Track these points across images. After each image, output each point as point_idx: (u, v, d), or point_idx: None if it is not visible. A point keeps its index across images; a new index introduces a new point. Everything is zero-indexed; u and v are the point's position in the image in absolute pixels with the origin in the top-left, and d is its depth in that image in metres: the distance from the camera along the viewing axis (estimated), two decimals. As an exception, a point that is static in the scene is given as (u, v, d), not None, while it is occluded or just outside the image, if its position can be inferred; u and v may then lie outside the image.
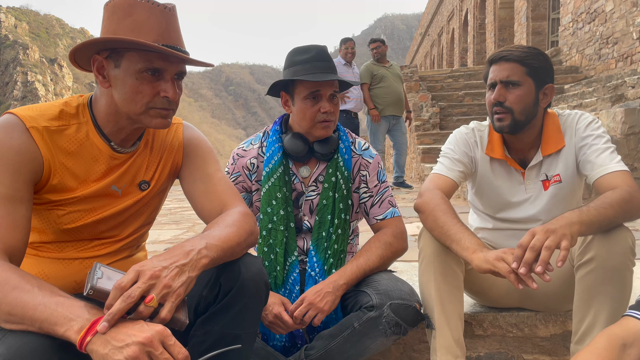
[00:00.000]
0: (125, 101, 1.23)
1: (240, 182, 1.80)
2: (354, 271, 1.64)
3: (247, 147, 1.84)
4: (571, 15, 10.04)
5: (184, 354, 0.96)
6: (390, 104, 6.82)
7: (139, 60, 1.19)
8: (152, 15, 1.19)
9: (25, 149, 1.17)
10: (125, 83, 1.21)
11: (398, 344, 1.90)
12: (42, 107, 1.25)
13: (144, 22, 1.18)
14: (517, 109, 1.64)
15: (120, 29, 1.18)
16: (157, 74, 1.21)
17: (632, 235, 1.48)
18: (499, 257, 1.36)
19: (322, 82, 1.69)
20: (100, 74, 1.23)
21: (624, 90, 6.14)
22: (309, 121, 1.73)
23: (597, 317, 1.45)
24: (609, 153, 1.59)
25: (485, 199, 1.83)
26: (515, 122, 1.65)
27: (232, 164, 1.82)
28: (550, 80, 1.67)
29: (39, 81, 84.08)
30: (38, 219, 1.28)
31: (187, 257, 1.07)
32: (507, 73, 1.64)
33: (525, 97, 1.64)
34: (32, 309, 0.96)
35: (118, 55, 1.20)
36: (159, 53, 1.20)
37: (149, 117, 1.25)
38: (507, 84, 1.64)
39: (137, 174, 1.37)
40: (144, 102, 1.22)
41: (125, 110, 1.24)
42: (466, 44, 20.70)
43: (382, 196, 1.82)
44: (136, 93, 1.21)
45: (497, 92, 1.65)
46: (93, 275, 1.02)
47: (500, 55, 1.66)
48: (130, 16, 1.18)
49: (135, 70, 1.20)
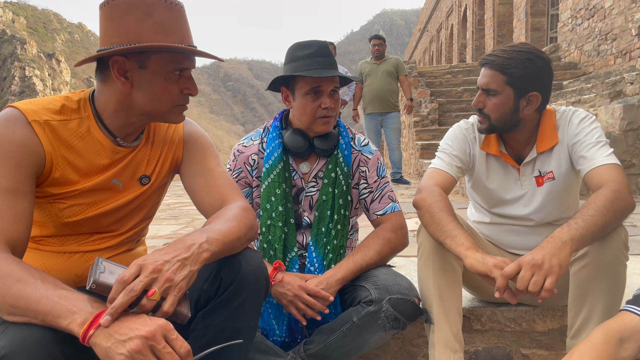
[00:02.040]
0: (152, 101, 1.24)
1: (242, 177, 1.81)
2: (350, 267, 1.65)
3: (247, 143, 1.84)
4: (570, 12, 10.04)
5: (186, 348, 0.97)
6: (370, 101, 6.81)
7: (169, 61, 1.21)
8: (172, 15, 1.20)
9: (27, 142, 1.18)
10: (154, 84, 1.22)
11: (397, 339, 1.91)
12: (43, 101, 1.25)
13: (166, 22, 1.19)
14: (493, 117, 1.65)
15: (144, 30, 1.17)
16: (181, 72, 1.24)
17: (625, 230, 1.48)
18: (497, 265, 1.35)
19: (323, 78, 1.69)
20: (122, 75, 1.22)
21: (623, 87, 6.15)
22: (309, 117, 1.73)
23: (591, 311, 1.46)
24: (599, 147, 1.58)
25: (482, 193, 1.84)
26: (493, 127, 1.67)
27: (234, 160, 1.82)
28: (535, 89, 1.62)
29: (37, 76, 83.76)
30: (39, 212, 1.28)
31: (189, 251, 1.08)
32: (487, 80, 1.64)
33: (502, 106, 1.63)
34: (35, 302, 0.97)
35: (144, 56, 1.20)
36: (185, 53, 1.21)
37: (172, 114, 1.29)
38: (487, 91, 1.65)
39: (138, 169, 1.37)
40: (171, 101, 1.26)
41: (149, 109, 1.26)
42: (465, 40, 20.66)
43: (382, 191, 1.82)
44: (164, 93, 1.24)
45: (477, 98, 1.68)
46: (95, 269, 1.03)
47: (485, 60, 1.65)
48: (151, 16, 1.17)
49: (165, 72, 1.22)
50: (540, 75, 1.62)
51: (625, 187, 1.46)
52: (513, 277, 1.30)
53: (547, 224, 1.75)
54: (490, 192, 1.80)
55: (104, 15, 1.21)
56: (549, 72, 1.64)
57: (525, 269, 1.29)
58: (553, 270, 1.28)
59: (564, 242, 1.33)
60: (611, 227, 1.42)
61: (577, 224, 1.37)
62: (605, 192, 1.43)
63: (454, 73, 12.03)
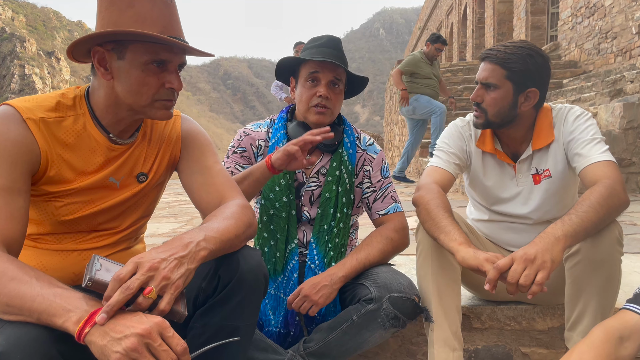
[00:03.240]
0: (130, 93, 1.22)
1: (245, 156, 1.81)
2: (353, 265, 1.64)
3: (256, 128, 1.85)
4: (570, 10, 10.02)
5: (182, 346, 0.96)
6: (431, 96, 6.94)
7: (145, 52, 1.19)
8: (155, 7, 1.19)
9: (22, 140, 1.17)
10: (131, 75, 1.21)
11: (396, 337, 1.90)
12: (38, 99, 1.24)
13: (147, 13, 1.17)
14: (491, 112, 1.65)
15: (123, 20, 1.16)
16: (161, 65, 1.21)
17: (619, 226, 1.48)
18: (489, 260, 1.34)
19: (321, 65, 1.69)
20: (102, 66, 1.21)
21: (623, 85, 6.14)
22: (304, 104, 1.74)
23: (586, 307, 1.47)
24: (594, 144, 1.58)
25: (479, 191, 1.84)
26: (489, 122, 1.67)
27: (239, 139, 1.83)
28: (534, 85, 1.63)
29: (37, 74, 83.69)
30: (36, 210, 1.27)
31: (186, 249, 1.07)
32: (487, 74, 1.63)
33: (501, 100, 1.63)
34: (31, 300, 0.96)
35: (122, 47, 1.19)
36: (164, 45, 1.19)
37: (154, 109, 1.26)
38: (486, 85, 1.64)
39: (135, 166, 1.36)
40: (150, 94, 1.23)
41: (130, 102, 1.24)
42: (465, 38, 20.65)
43: (385, 191, 1.83)
44: (142, 85, 1.21)
45: (475, 92, 1.67)
46: (91, 267, 1.02)
47: (486, 55, 1.65)
48: (132, 7, 1.17)
49: (141, 62, 1.20)
50: (539, 72, 1.62)
51: (619, 184, 1.45)
52: (505, 270, 1.30)
53: (546, 222, 1.75)
54: (487, 189, 1.80)
55: (97, 7, 1.22)
56: (548, 69, 1.65)
57: (518, 262, 1.29)
58: (545, 266, 1.27)
59: (557, 237, 1.33)
60: (605, 223, 1.42)
61: (571, 220, 1.36)
62: (599, 189, 1.43)
63: (454, 71, 12.01)
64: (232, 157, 1.80)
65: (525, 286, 1.27)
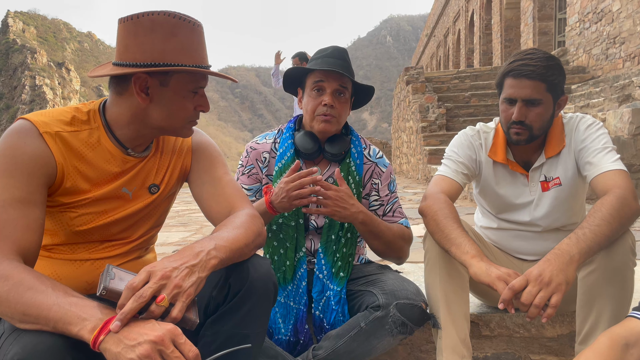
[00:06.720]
0: (168, 117, 1.28)
1: (254, 174, 1.84)
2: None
3: (261, 141, 1.88)
4: (578, 15, 10.01)
5: (194, 352, 0.98)
6: None
7: (190, 81, 1.26)
8: (194, 35, 1.25)
9: (39, 154, 1.20)
10: (173, 101, 1.27)
11: (405, 344, 1.91)
12: (54, 113, 1.28)
13: (188, 42, 1.23)
14: (536, 126, 1.63)
15: (168, 50, 1.21)
16: (197, 91, 1.29)
17: (632, 235, 1.48)
18: (501, 278, 1.35)
19: (326, 74, 1.72)
20: (143, 91, 1.25)
21: (632, 90, 6.11)
22: (310, 113, 1.76)
23: (599, 317, 1.46)
24: (605, 153, 1.58)
25: (490, 199, 1.84)
26: (532, 137, 1.65)
27: (246, 157, 1.86)
28: (562, 92, 1.66)
29: (47, 85, 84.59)
30: (51, 221, 1.30)
31: (197, 258, 1.10)
32: (529, 92, 1.58)
33: (545, 114, 1.63)
34: (47, 309, 0.98)
35: (166, 75, 1.24)
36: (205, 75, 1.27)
37: (184, 129, 1.34)
38: (529, 102, 1.60)
39: (148, 178, 1.39)
40: (186, 117, 1.30)
41: (163, 124, 1.30)
42: (472, 44, 20.65)
43: (393, 206, 1.86)
44: (181, 110, 1.28)
45: (518, 111, 1.61)
46: (105, 276, 1.04)
47: (521, 71, 1.59)
48: (176, 36, 1.21)
49: (186, 91, 1.26)
50: (565, 79, 1.66)
51: (630, 193, 1.45)
52: (519, 291, 1.31)
53: (554, 230, 1.75)
54: (500, 197, 1.80)
55: (126, 30, 1.23)
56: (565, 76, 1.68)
57: (533, 284, 1.30)
58: (560, 288, 1.29)
59: (572, 256, 1.33)
60: (618, 234, 1.42)
61: (585, 236, 1.36)
62: (610, 200, 1.43)
63: (462, 78, 12.02)
64: (241, 179, 1.84)
65: (538, 307, 1.28)
